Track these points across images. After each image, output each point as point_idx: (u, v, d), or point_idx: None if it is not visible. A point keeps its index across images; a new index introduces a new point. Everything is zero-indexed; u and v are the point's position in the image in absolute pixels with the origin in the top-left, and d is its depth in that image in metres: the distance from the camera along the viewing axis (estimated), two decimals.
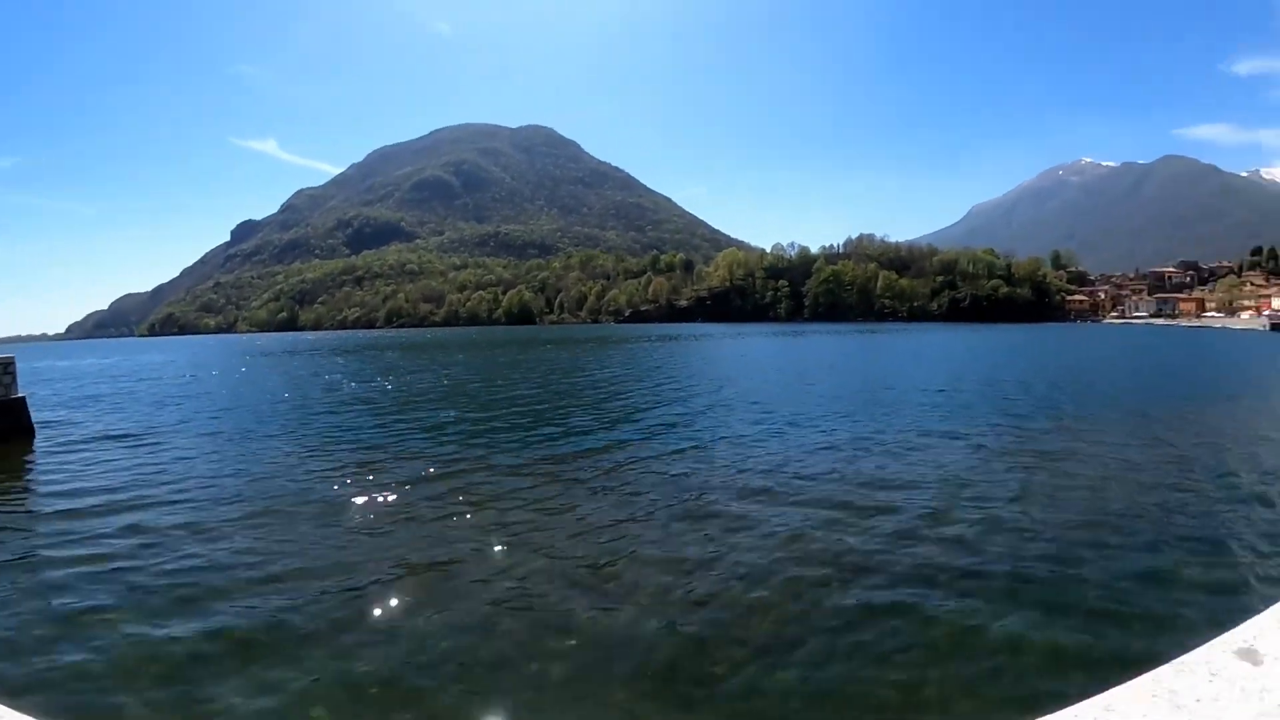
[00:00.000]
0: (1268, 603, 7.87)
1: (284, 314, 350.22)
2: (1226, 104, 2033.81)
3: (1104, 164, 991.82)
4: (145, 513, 12.13)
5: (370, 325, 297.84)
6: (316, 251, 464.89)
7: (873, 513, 11.71)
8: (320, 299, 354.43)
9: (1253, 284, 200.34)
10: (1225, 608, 7.71)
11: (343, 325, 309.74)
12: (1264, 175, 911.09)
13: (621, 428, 21.26)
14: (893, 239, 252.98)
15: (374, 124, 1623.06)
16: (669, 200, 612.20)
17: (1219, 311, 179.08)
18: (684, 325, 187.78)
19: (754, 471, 15.06)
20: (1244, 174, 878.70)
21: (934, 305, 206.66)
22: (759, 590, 8.55)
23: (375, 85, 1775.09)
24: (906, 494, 13.10)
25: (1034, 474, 15.05)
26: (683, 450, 17.53)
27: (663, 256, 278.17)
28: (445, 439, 19.52)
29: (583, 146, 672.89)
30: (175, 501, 12.94)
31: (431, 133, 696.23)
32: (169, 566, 9.35)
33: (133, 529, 11.14)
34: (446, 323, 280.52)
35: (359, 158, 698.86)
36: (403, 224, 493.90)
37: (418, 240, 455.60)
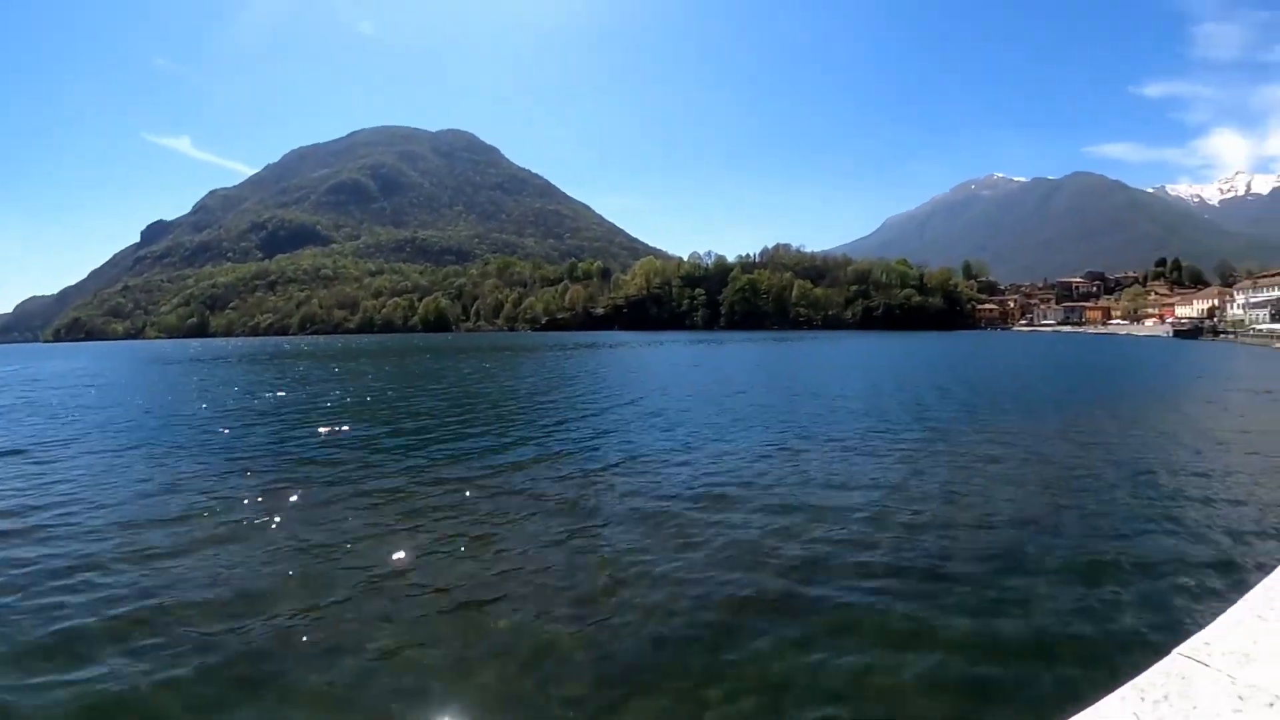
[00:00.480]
0: (1184, 602, 8.01)
1: (194, 319, 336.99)
2: (1135, 124, 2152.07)
3: (1015, 179, 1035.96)
4: (18, 542, 10.93)
5: (283, 332, 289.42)
6: (229, 254, 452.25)
7: (785, 522, 11.60)
8: (232, 304, 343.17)
9: (1157, 293, 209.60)
10: (1155, 621, 7.87)
11: (255, 332, 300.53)
12: (1169, 191, 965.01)
13: (528, 440, 20.59)
14: (809, 249, 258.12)
15: (292, 124, 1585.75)
16: (588, 208, 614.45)
17: (1124, 319, 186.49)
18: (601, 333, 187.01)
19: (673, 482, 14.78)
20: (1150, 189, 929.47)
21: (848, 314, 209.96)
22: (661, 593, 8.68)
23: (295, 83, 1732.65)
24: (822, 501, 13.10)
25: (946, 475, 15.52)
26: (593, 461, 17.09)
27: (580, 264, 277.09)
28: (346, 451, 18.67)
29: (503, 152, 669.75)
30: (54, 527, 11.71)
31: (350, 134, 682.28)
32: (40, 602, 8.40)
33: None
34: (361, 330, 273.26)
35: (275, 158, 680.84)
36: (318, 227, 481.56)
37: (333, 244, 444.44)
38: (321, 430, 22.22)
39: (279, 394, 36.09)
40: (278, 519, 11.87)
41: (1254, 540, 10.72)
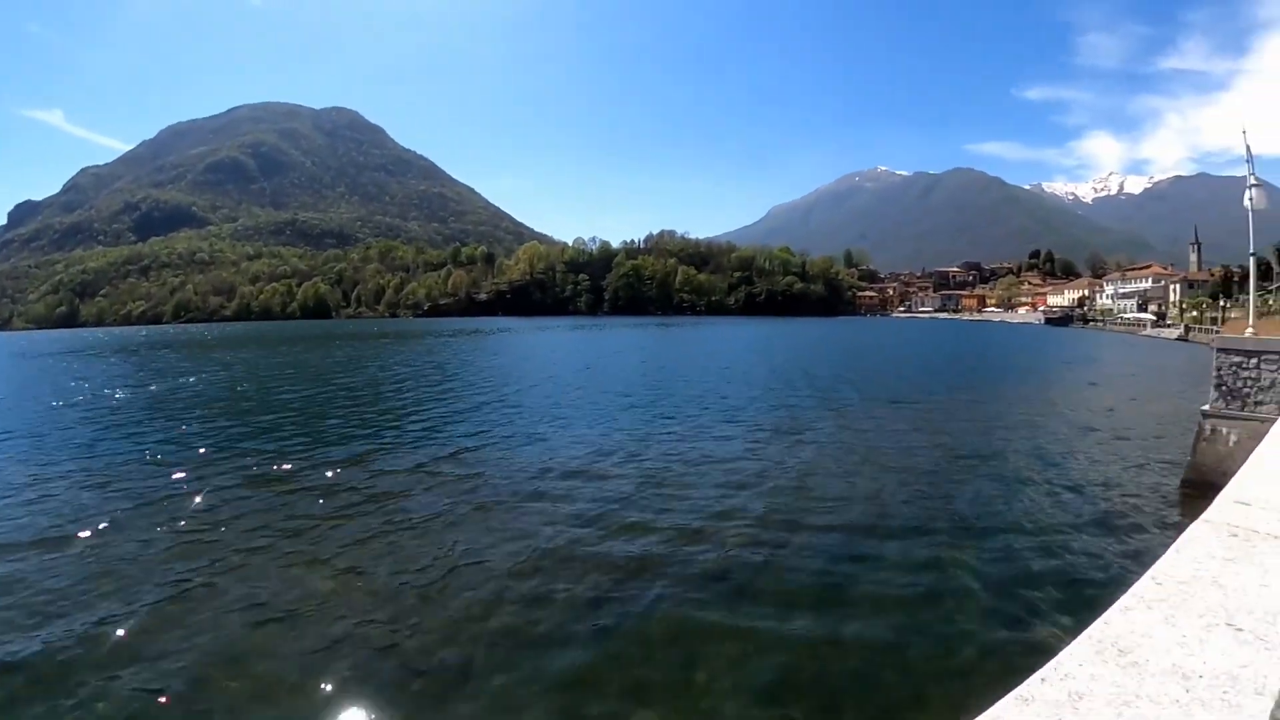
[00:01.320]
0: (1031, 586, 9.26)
1: (64, 308, 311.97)
2: (1015, 124, 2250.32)
3: (898, 172, 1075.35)
4: None
5: (156, 320, 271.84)
6: (100, 237, 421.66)
7: (618, 517, 11.95)
8: (103, 291, 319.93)
9: (1030, 283, 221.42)
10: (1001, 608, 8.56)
11: (127, 321, 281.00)
12: (1045, 188, 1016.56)
13: (385, 432, 20.73)
14: (695, 236, 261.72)
15: (171, 97, 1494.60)
16: (473, 191, 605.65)
17: (998, 307, 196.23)
18: (483, 319, 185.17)
19: (549, 471, 15.30)
20: (1027, 186, 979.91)
21: (731, 300, 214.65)
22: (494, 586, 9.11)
23: (177, 54, 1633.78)
24: (688, 488, 13.93)
25: (813, 458, 16.79)
26: (458, 452, 17.33)
27: (464, 249, 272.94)
28: (200, 448, 18.26)
29: (388, 132, 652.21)
30: None
31: (230, 110, 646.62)
32: None
33: None
34: (238, 317, 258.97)
35: (151, 134, 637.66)
36: (195, 209, 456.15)
37: (210, 227, 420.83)
38: (160, 429, 21.70)
39: (127, 391, 34.42)
40: (95, 525, 11.54)
41: (1088, 532, 11.76)
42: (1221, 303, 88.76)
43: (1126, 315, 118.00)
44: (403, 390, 31.81)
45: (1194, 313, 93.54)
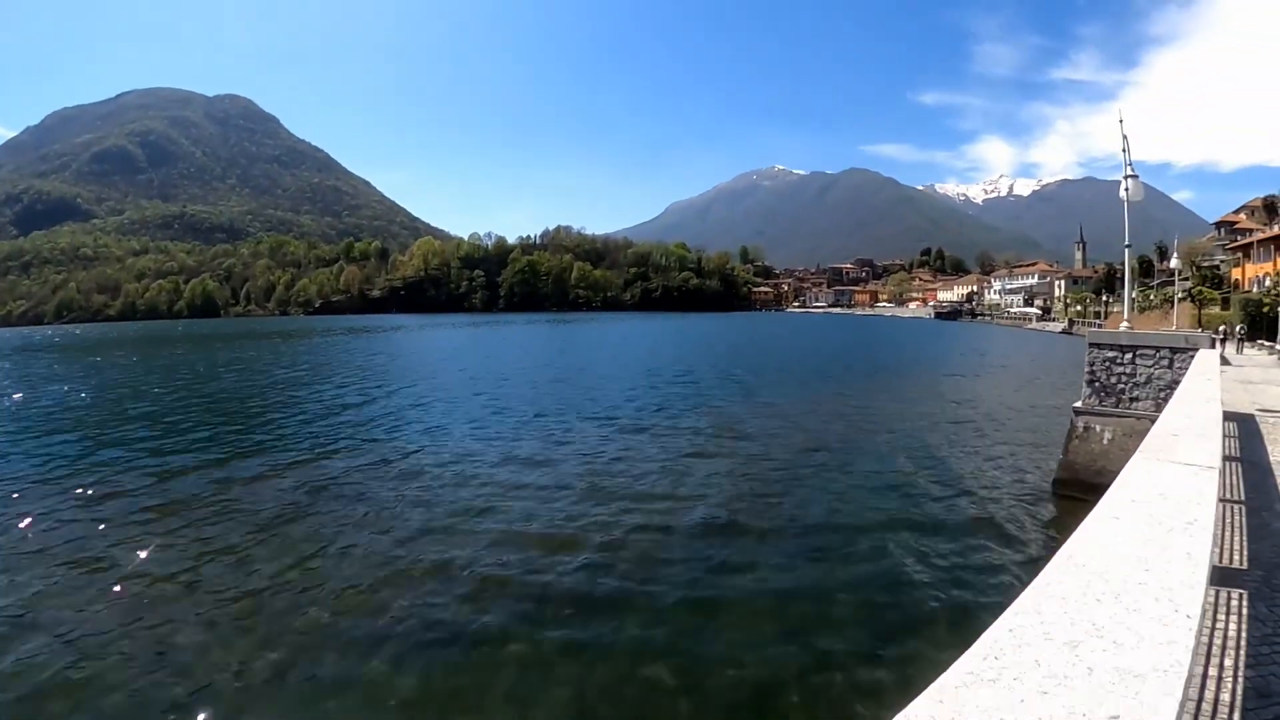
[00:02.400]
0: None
1: None
2: (910, 127, 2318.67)
3: (795, 171, 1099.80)
4: None
5: (38, 321, 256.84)
6: None
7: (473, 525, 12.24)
8: None
9: (921, 279, 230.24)
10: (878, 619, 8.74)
11: (7, 321, 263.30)
12: (937, 189, 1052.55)
13: (243, 444, 20.35)
14: (592, 232, 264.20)
15: (57, 80, 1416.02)
16: (369, 184, 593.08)
17: (890, 302, 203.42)
18: (377, 316, 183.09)
19: (431, 478, 15.52)
20: (920, 187, 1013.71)
21: (627, 295, 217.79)
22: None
23: (62, 33, 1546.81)
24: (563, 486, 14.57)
25: (701, 455, 17.02)
26: (323, 462, 17.22)
27: (357, 244, 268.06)
28: (23, 464, 17.79)
29: (282, 122, 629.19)
30: None
31: (119, 95, 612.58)
32: None
33: None
34: (123, 316, 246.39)
35: (36, 119, 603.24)
36: (79, 201, 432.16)
37: (95, 220, 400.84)
38: (38, 441, 21.06)
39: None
40: None
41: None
42: (1104, 298, 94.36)
43: (1013, 310, 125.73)
44: (275, 394, 31.54)
45: (1078, 307, 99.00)
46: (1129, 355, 14.23)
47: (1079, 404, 15.00)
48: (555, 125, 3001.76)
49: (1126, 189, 15.85)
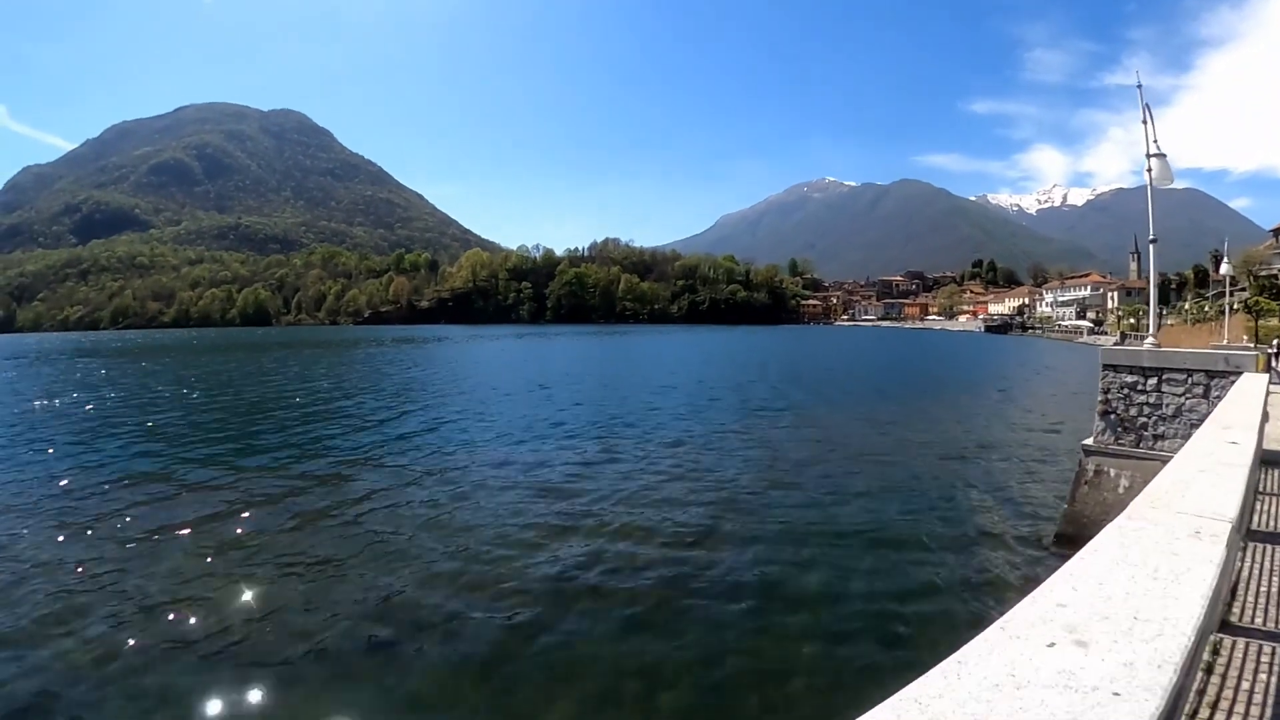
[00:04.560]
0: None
1: (0, 313, 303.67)
2: (962, 137, 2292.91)
3: (846, 183, 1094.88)
4: None
5: (94, 326, 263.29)
6: (40, 239, 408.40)
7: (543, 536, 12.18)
8: (41, 295, 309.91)
9: (972, 291, 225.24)
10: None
11: (64, 326, 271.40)
12: (990, 200, 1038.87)
13: (292, 451, 20.21)
14: (641, 244, 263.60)
15: (116, 94, 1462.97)
16: (421, 197, 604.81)
17: (940, 315, 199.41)
18: (424, 327, 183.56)
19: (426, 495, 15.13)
20: (973, 198, 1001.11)
21: (674, 308, 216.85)
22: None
23: (125, 51, 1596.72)
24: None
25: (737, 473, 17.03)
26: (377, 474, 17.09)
27: (407, 256, 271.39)
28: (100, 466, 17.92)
29: (335, 136, 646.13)
30: None
31: (177, 110, 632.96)
32: None
33: None
34: (177, 323, 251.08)
35: (95, 132, 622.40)
36: (137, 211, 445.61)
37: (153, 230, 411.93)
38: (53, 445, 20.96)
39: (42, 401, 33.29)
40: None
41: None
42: (1158, 309, 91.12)
43: (1064, 323, 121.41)
44: (317, 406, 30.92)
45: (1131, 320, 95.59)
46: (1153, 380, 11.26)
47: (1089, 441, 12.11)
48: (607, 139, 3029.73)
49: (1150, 170, 12.36)
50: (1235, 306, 53.75)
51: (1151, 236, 12.95)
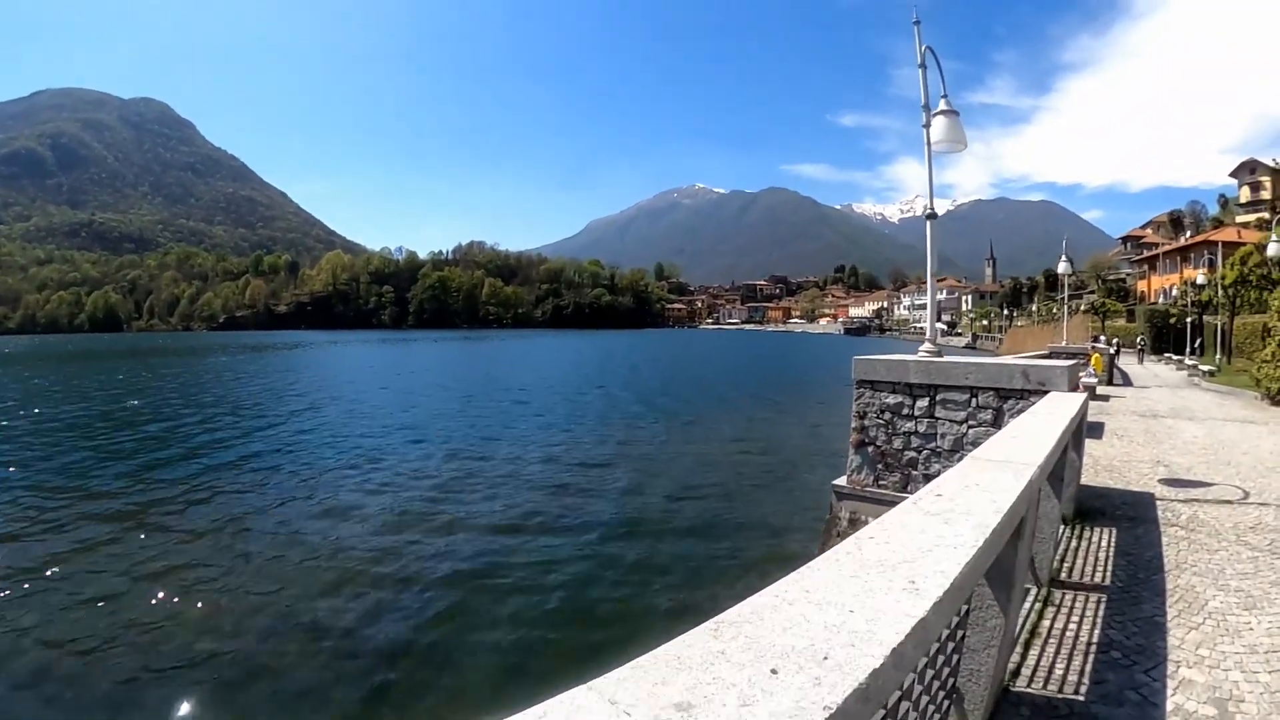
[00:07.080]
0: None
1: None
2: (829, 148, 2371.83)
3: (716, 190, 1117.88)
4: None
5: None
6: None
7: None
8: None
9: (834, 295, 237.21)
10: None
11: None
12: (855, 208, 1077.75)
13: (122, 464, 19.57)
14: (511, 248, 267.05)
15: None
16: (285, 196, 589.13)
17: (802, 318, 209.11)
18: (281, 333, 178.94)
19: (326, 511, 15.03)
20: (838, 206, 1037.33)
21: (538, 312, 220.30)
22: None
23: None
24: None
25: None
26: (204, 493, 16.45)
27: (266, 257, 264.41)
28: None
29: (198, 128, 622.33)
30: None
31: (33, 94, 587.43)
32: None
33: None
34: (22, 329, 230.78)
35: None
36: None
37: (0, 226, 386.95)
38: None
39: None
40: None
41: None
42: (1006, 312, 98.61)
43: (920, 324, 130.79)
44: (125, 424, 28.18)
45: (983, 321, 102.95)
46: (924, 401, 8.33)
47: (841, 481, 9.23)
48: (475, 140, 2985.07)
49: (927, 125, 9.74)
50: (1084, 308, 57.19)
51: (929, 210, 10.79)
